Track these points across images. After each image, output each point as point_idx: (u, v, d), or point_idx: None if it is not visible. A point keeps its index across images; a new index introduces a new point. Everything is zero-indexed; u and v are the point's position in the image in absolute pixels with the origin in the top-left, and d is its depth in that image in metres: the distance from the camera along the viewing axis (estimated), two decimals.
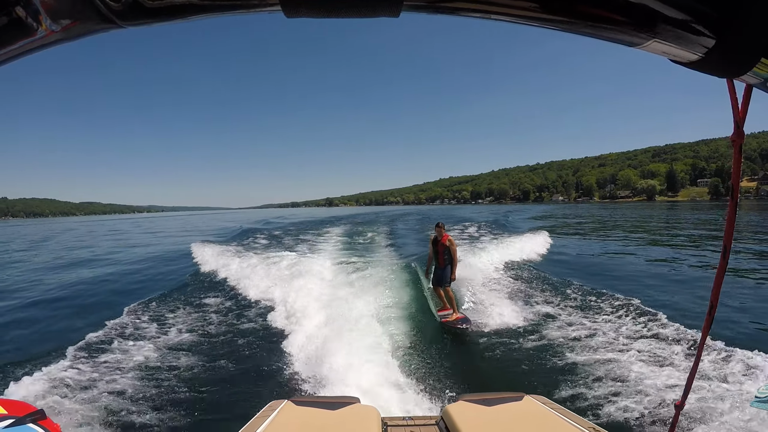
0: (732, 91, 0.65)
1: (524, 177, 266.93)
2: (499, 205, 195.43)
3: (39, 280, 13.39)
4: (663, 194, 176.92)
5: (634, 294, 8.05)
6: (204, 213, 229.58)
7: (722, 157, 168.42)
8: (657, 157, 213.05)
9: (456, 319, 6.64)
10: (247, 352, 5.90)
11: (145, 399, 4.56)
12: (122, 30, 0.41)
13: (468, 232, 22.47)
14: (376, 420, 2.02)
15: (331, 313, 6.67)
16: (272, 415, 2.01)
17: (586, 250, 16.93)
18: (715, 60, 0.44)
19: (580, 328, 6.32)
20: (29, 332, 7.51)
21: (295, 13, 0.39)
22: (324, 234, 24.86)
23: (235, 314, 7.83)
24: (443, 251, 7.15)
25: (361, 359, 4.94)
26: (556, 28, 0.43)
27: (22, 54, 0.42)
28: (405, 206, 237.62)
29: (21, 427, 1.12)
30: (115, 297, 9.93)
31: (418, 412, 3.95)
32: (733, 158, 0.77)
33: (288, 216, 66.18)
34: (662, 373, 4.72)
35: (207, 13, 0.40)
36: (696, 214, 46.56)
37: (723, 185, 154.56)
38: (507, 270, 10.85)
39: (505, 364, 5.37)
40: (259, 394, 4.54)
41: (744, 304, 7.87)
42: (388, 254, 15.56)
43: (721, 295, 0.91)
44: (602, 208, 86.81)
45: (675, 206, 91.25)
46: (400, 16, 0.40)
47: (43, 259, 20.25)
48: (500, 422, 1.95)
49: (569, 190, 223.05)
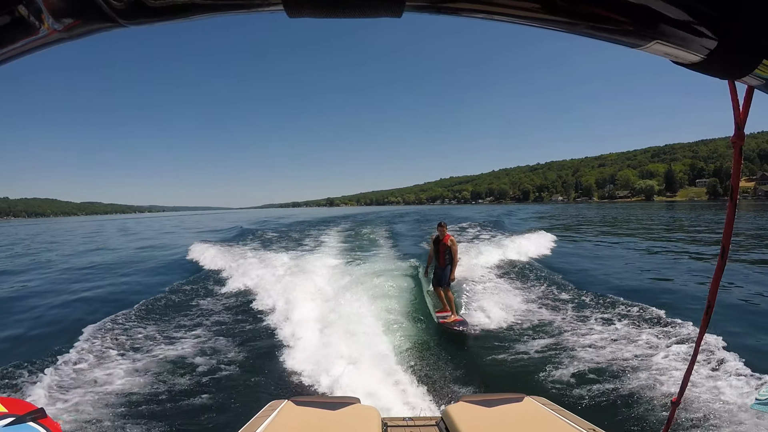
0: (733, 92, 0.65)
1: (524, 177, 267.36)
2: (499, 205, 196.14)
3: (44, 280, 13.32)
4: (661, 194, 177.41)
5: (632, 293, 8.05)
6: (205, 213, 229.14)
7: (721, 158, 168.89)
8: (656, 158, 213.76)
9: (454, 321, 6.66)
10: (247, 352, 5.91)
11: (146, 398, 4.57)
12: (124, 29, 0.41)
13: (466, 232, 22.47)
14: (377, 420, 2.03)
15: (331, 314, 6.68)
16: (272, 415, 2.01)
17: (583, 250, 16.97)
18: (717, 62, 0.44)
19: (579, 329, 6.35)
20: (29, 332, 7.52)
21: (297, 13, 0.39)
22: (324, 233, 24.87)
23: (235, 314, 7.83)
24: (444, 251, 7.16)
25: (361, 359, 4.95)
26: (558, 29, 0.43)
27: (25, 53, 0.43)
28: (405, 206, 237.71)
29: (21, 426, 1.12)
30: (115, 297, 9.92)
31: (418, 413, 3.99)
32: (733, 159, 0.77)
33: (288, 216, 66.21)
34: (659, 370, 4.78)
35: (209, 13, 0.40)
36: (692, 214, 46.73)
37: (721, 185, 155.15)
38: (506, 270, 10.87)
39: (505, 365, 5.39)
40: (259, 394, 4.56)
41: (743, 302, 7.88)
42: (388, 254, 15.57)
43: (718, 293, 0.92)
44: (600, 208, 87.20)
45: (672, 206, 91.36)
46: (402, 16, 0.40)
47: (45, 257, 20.23)
48: (500, 423, 1.96)
49: (569, 190, 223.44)
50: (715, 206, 75.84)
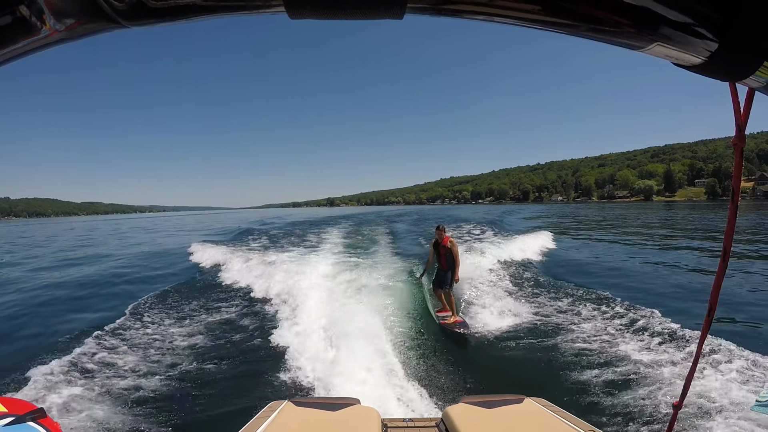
0: (734, 94, 0.65)
1: (524, 177, 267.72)
2: (499, 204, 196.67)
3: (39, 277, 13.28)
4: (660, 194, 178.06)
5: (633, 295, 8.04)
6: (205, 213, 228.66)
7: (720, 158, 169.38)
8: (655, 158, 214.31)
9: (454, 322, 6.62)
10: (247, 353, 5.90)
11: (145, 398, 4.56)
12: (126, 30, 0.41)
13: (463, 233, 22.26)
14: (377, 421, 2.03)
15: (331, 314, 6.66)
16: (272, 416, 2.01)
17: (583, 251, 16.95)
18: (718, 63, 0.44)
19: (579, 330, 6.33)
20: (29, 331, 7.51)
21: (298, 14, 0.39)
22: (324, 233, 24.81)
23: (234, 314, 7.81)
24: (445, 253, 7.13)
25: (361, 360, 4.94)
26: (559, 31, 0.43)
27: (26, 53, 0.43)
28: (405, 206, 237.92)
29: (21, 426, 1.12)
30: (115, 296, 9.96)
31: (418, 414, 4.00)
32: (734, 161, 0.75)
33: (287, 215, 66.05)
34: (661, 373, 4.74)
35: (210, 14, 0.40)
36: (690, 213, 47.01)
37: (720, 185, 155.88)
38: (505, 270, 10.84)
39: (506, 366, 5.38)
40: (259, 395, 4.53)
41: (744, 304, 7.86)
42: (388, 253, 15.58)
43: (720, 296, 0.92)
44: (599, 208, 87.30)
45: (671, 206, 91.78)
46: (403, 18, 0.40)
47: (44, 259, 20.22)
48: (501, 424, 1.96)
49: (568, 191, 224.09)
50: (715, 206, 76.18)
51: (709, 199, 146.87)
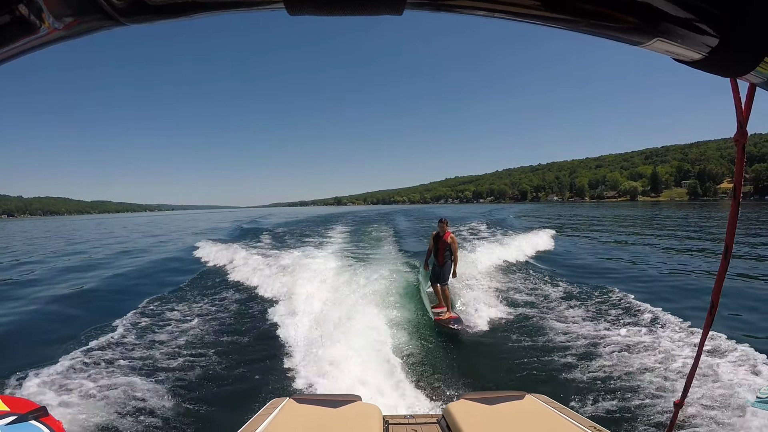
0: (735, 90, 0.65)
1: (524, 177, 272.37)
2: (498, 204, 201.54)
3: (40, 281, 13.14)
4: (646, 194, 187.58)
5: (634, 292, 8.08)
6: (212, 211, 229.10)
7: (706, 160, 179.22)
8: (648, 159, 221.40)
9: (448, 319, 6.59)
10: (248, 350, 5.91)
11: (147, 396, 4.54)
12: (125, 27, 0.41)
13: (461, 231, 22.27)
14: (378, 418, 2.03)
15: (332, 311, 6.62)
16: (274, 413, 2.01)
17: (581, 248, 17.13)
18: (719, 59, 0.44)
19: (580, 327, 6.33)
20: (29, 331, 7.51)
21: (298, 10, 0.39)
22: (326, 231, 25.00)
23: (236, 312, 7.85)
24: (444, 248, 7.05)
25: (362, 357, 4.96)
26: (559, 27, 0.43)
27: (25, 52, 0.43)
28: (410, 205, 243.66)
29: (23, 424, 1.12)
30: (118, 296, 9.98)
31: (419, 411, 3.99)
32: (736, 158, 0.75)
33: (295, 214, 67.12)
34: (662, 371, 4.74)
35: (210, 11, 0.40)
36: (670, 212, 49.20)
37: (701, 186, 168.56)
38: (504, 268, 10.93)
39: (507, 362, 5.36)
40: (260, 392, 4.55)
41: (745, 302, 7.91)
42: (388, 251, 15.76)
43: (722, 294, 0.92)
44: (587, 207, 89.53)
45: (653, 205, 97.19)
46: (403, 14, 0.40)
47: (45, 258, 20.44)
48: (502, 421, 1.95)
49: (563, 191, 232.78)
50: (694, 205, 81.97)
51: (691, 200, 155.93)
